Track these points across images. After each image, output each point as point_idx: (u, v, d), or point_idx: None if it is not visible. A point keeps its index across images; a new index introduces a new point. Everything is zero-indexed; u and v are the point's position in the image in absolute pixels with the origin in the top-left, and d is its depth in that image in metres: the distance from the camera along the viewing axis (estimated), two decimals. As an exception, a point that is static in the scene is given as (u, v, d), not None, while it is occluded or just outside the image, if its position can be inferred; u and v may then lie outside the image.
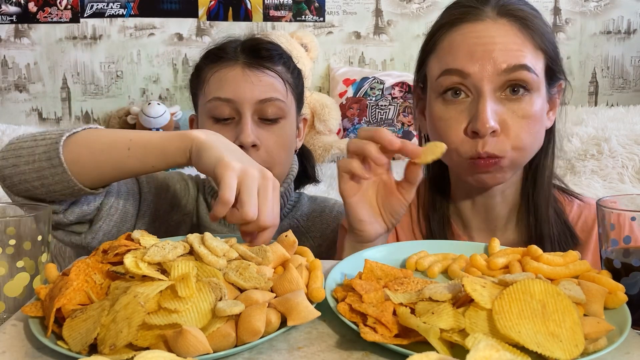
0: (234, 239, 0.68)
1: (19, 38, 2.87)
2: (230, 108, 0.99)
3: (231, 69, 1.01)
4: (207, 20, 2.89)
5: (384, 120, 2.70)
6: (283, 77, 1.03)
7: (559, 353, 0.48)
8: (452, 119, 0.85)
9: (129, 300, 0.52)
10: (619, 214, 0.63)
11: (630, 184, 1.90)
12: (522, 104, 0.83)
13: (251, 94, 0.99)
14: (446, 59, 0.85)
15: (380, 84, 2.75)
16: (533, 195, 0.92)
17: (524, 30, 0.84)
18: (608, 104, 2.91)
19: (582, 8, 2.93)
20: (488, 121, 0.80)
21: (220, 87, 1.00)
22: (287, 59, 1.07)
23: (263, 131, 1.00)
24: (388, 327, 0.53)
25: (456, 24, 0.86)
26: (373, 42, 2.95)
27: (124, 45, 2.90)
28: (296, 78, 1.08)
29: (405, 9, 2.92)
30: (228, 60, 1.02)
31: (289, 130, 1.04)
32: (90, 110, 2.94)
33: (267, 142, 1.00)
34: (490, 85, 0.82)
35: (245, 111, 0.99)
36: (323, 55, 2.91)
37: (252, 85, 0.99)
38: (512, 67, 0.81)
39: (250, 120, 0.99)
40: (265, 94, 0.99)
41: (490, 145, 0.82)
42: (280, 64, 1.04)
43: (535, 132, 0.85)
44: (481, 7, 0.85)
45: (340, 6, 2.92)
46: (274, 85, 1.01)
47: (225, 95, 0.99)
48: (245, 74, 1.00)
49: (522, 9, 0.86)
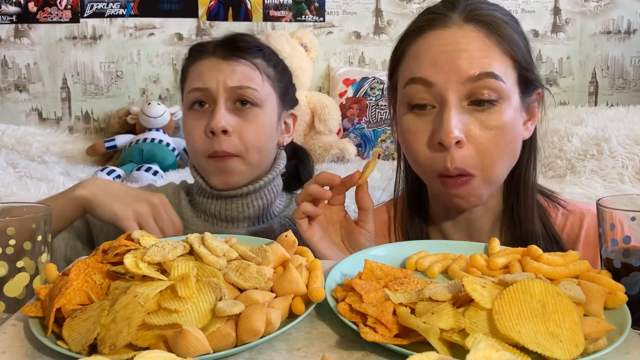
0: (234, 238, 0.68)
1: (19, 38, 2.87)
2: (206, 96, 1.04)
3: (207, 60, 1.06)
4: (207, 20, 2.89)
5: (384, 120, 2.70)
6: (259, 68, 1.06)
7: (559, 353, 0.48)
8: (419, 131, 0.82)
9: (129, 300, 0.52)
10: (619, 214, 0.63)
11: (630, 184, 1.90)
12: (490, 114, 0.79)
13: (224, 80, 1.02)
14: (412, 67, 0.83)
15: (380, 84, 2.75)
16: (517, 207, 0.89)
17: (491, 36, 0.80)
18: (608, 104, 2.91)
19: (582, 8, 2.93)
20: (452, 131, 0.77)
21: (196, 79, 1.05)
22: (269, 55, 1.10)
23: (236, 117, 1.03)
24: (388, 327, 0.53)
25: (422, 32, 0.83)
26: (373, 42, 2.95)
27: (124, 45, 2.90)
28: (279, 73, 1.11)
29: (405, 9, 2.92)
30: (207, 54, 1.07)
31: (265, 120, 1.05)
32: (90, 110, 2.94)
33: (239, 128, 1.02)
34: (455, 94, 0.79)
35: (218, 98, 1.02)
36: (323, 55, 2.91)
37: (225, 73, 1.03)
38: (478, 75, 0.78)
39: (223, 107, 1.02)
40: (238, 82, 1.03)
41: (458, 159, 0.79)
42: (259, 57, 1.07)
43: (506, 144, 0.81)
44: (448, 14, 0.83)
45: (340, 6, 2.92)
46: (247, 74, 1.04)
47: (201, 85, 1.04)
48: (219, 63, 1.04)
49: (490, 14, 0.82)
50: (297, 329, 0.57)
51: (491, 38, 0.81)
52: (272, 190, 1.10)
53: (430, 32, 0.83)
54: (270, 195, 1.10)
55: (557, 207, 0.94)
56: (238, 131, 1.02)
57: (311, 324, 0.59)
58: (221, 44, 1.07)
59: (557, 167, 2.05)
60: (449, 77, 0.79)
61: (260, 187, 1.07)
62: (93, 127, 2.94)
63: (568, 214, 0.94)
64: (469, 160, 0.80)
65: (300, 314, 0.57)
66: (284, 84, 1.12)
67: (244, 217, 1.08)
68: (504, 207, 0.91)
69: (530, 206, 0.89)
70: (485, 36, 0.80)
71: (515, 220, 0.89)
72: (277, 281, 0.60)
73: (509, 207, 0.91)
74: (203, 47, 1.09)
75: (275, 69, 1.10)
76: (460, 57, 0.79)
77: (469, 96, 0.80)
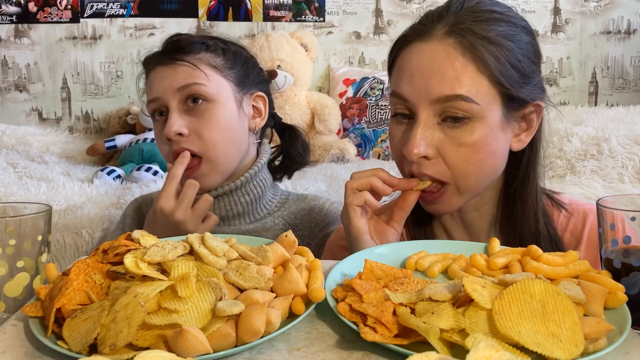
0: (234, 238, 0.68)
1: (19, 38, 2.87)
2: (160, 105, 1.05)
3: (154, 71, 1.07)
4: (207, 20, 2.89)
5: (384, 120, 2.70)
6: (203, 62, 1.05)
7: (559, 353, 0.48)
8: (396, 138, 0.86)
9: (129, 300, 0.52)
10: (619, 214, 0.63)
11: (630, 184, 1.90)
12: (460, 132, 0.80)
13: (169, 85, 1.03)
14: (394, 81, 0.86)
15: (380, 84, 2.75)
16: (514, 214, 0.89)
17: (467, 54, 0.79)
18: (608, 104, 2.90)
19: (582, 8, 2.93)
20: (415, 147, 0.80)
21: (149, 91, 1.08)
22: (214, 45, 1.09)
23: (190, 117, 1.03)
24: (388, 327, 0.53)
25: (407, 43, 0.84)
26: (373, 42, 2.95)
27: (124, 45, 2.90)
28: (230, 60, 1.09)
29: (405, 9, 2.92)
30: (153, 65, 1.08)
31: (222, 114, 1.05)
32: (90, 110, 2.94)
33: (195, 127, 1.03)
34: (425, 111, 0.80)
35: (169, 104, 1.04)
36: (323, 55, 2.91)
37: (169, 78, 1.04)
38: (446, 97, 0.79)
39: (175, 112, 1.03)
40: (182, 82, 1.03)
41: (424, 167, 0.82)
42: (201, 52, 1.07)
43: (479, 159, 0.81)
44: (432, 26, 0.82)
45: (340, 6, 2.92)
46: (189, 72, 1.04)
47: (153, 95, 1.06)
48: (162, 70, 1.05)
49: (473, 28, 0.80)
50: (297, 329, 0.57)
51: (467, 56, 0.79)
52: (258, 185, 1.10)
53: (414, 44, 0.83)
54: (257, 190, 1.10)
55: (560, 207, 0.94)
56: (195, 130, 1.03)
57: (311, 324, 0.59)
58: (162, 51, 1.08)
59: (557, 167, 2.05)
60: (421, 95, 0.80)
61: (242, 183, 1.07)
62: (93, 127, 2.94)
63: (570, 214, 0.94)
64: (437, 168, 0.82)
65: (300, 314, 0.57)
66: (239, 69, 1.10)
67: (233, 214, 1.08)
68: (500, 213, 0.92)
69: (529, 212, 0.89)
70: (461, 54, 0.79)
71: (511, 225, 0.90)
72: (277, 281, 0.60)
73: (505, 214, 0.91)
74: (149, 59, 1.10)
75: (224, 57, 1.09)
76: (432, 76, 0.79)
77: (440, 114, 0.81)
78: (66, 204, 1.76)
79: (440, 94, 0.79)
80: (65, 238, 1.59)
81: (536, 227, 0.89)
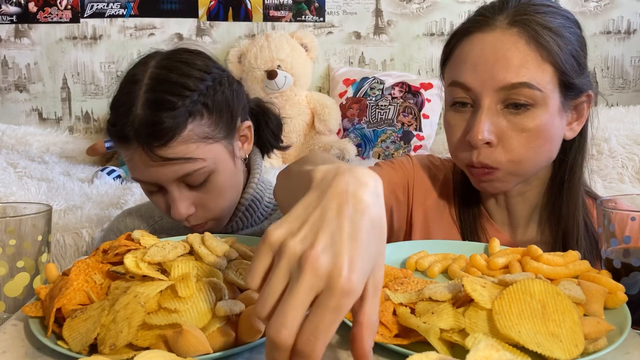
0: (234, 238, 0.68)
1: (19, 38, 2.87)
2: (156, 186, 0.95)
3: (136, 152, 0.91)
4: (207, 20, 2.89)
5: (384, 120, 2.70)
6: (192, 139, 0.91)
7: (559, 353, 0.48)
8: (457, 127, 0.87)
9: (129, 300, 0.52)
10: (619, 214, 0.63)
11: (630, 184, 1.90)
12: (522, 118, 0.82)
13: (165, 177, 0.92)
14: (455, 70, 0.86)
15: (380, 84, 2.75)
16: (559, 202, 0.91)
17: (532, 42, 0.82)
18: (608, 104, 2.91)
19: (582, 8, 2.93)
20: (480, 133, 0.81)
21: (136, 170, 0.94)
22: (195, 105, 0.91)
23: (194, 193, 0.95)
24: (388, 327, 0.53)
25: (468, 34, 0.86)
26: (373, 42, 2.95)
27: (124, 45, 2.90)
28: (216, 112, 0.95)
29: (405, 9, 2.92)
30: (128, 142, 0.91)
31: (223, 179, 0.97)
32: (90, 110, 2.94)
33: (201, 202, 0.96)
34: (489, 99, 0.82)
35: (169, 187, 0.93)
36: (323, 55, 2.91)
37: (159, 173, 0.92)
38: (511, 85, 0.81)
39: (176, 194, 0.93)
40: (181, 171, 0.91)
41: (484, 155, 0.83)
42: (188, 123, 0.90)
43: (538, 145, 0.84)
44: (494, 16, 0.84)
45: (340, 6, 2.92)
46: (187, 156, 0.91)
47: (145, 178, 0.94)
48: (147, 163, 0.91)
49: (537, 19, 0.83)
50: (297, 329, 0.57)
51: (531, 45, 0.82)
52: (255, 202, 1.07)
53: (475, 34, 0.85)
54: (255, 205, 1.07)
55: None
56: (201, 205, 0.96)
57: (311, 324, 0.59)
58: (138, 137, 0.89)
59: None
60: (485, 84, 0.82)
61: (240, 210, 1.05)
62: (93, 127, 2.94)
63: None
64: (494, 156, 0.84)
65: (300, 314, 0.57)
66: (225, 117, 0.97)
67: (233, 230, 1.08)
68: (545, 201, 0.94)
69: (574, 203, 0.91)
70: (525, 42, 0.82)
71: (556, 214, 0.92)
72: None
73: (550, 201, 0.93)
74: (118, 128, 0.92)
75: (209, 115, 0.94)
76: (497, 64, 0.82)
77: (504, 101, 0.83)
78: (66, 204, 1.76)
79: (505, 82, 0.81)
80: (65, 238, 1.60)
81: (576, 217, 0.91)
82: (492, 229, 0.95)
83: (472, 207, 0.96)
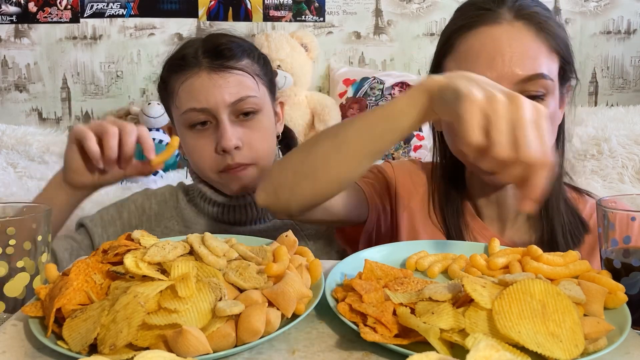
0: (234, 238, 0.68)
1: (19, 38, 2.87)
2: (206, 115, 1.00)
3: (197, 76, 1.00)
4: (207, 20, 2.89)
5: (384, 120, 2.70)
6: (250, 71, 1.02)
7: (559, 353, 0.48)
8: None
9: (129, 300, 0.52)
10: (619, 214, 0.63)
11: (630, 184, 1.90)
12: None
13: (222, 98, 0.98)
14: (465, 64, 0.85)
15: (380, 84, 2.75)
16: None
17: (540, 34, 0.84)
18: (608, 104, 2.90)
19: (582, 8, 2.93)
20: None
21: (191, 98, 1.00)
22: (251, 50, 1.06)
23: (242, 129, 1.00)
24: (388, 327, 0.53)
25: (473, 27, 0.85)
26: (373, 42, 2.95)
27: (124, 45, 2.90)
28: (263, 66, 1.07)
29: (405, 9, 2.92)
30: (191, 67, 1.00)
31: (268, 122, 1.04)
32: (90, 110, 2.94)
33: (248, 139, 1.01)
34: None
35: (221, 116, 0.99)
36: (323, 55, 2.91)
37: (221, 89, 0.98)
38: (529, 77, 0.82)
39: (227, 123, 0.99)
40: (237, 95, 0.99)
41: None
42: (245, 58, 1.03)
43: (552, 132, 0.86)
44: (498, 10, 0.85)
45: (340, 6, 2.92)
46: (243, 83, 1.00)
47: (199, 105, 0.99)
48: (212, 78, 0.99)
49: (536, 11, 0.85)
50: (297, 329, 0.57)
51: (539, 36, 0.84)
52: None
53: (481, 28, 0.85)
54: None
55: (584, 197, 0.99)
56: (247, 142, 1.00)
57: (311, 324, 0.59)
58: (204, 53, 1.01)
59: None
60: (503, 77, 0.82)
61: None
62: (93, 127, 2.94)
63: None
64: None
65: (300, 314, 0.57)
66: (270, 76, 1.08)
67: (247, 218, 1.08)
68: None
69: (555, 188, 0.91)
70: (534, 34, 0.84)
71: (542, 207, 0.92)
72: (277, 281, 0.60)
73: None
74: (183, 59, 1.02)
75: (259, 64, 1.05)
76: (512, 57, 0.82)
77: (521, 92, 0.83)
78: (66, 204, 1.76)
79: (524, 75, 0.82)
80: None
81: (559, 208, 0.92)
82: (477, 225, 0.95)
83: (454, 205, 0.97)
